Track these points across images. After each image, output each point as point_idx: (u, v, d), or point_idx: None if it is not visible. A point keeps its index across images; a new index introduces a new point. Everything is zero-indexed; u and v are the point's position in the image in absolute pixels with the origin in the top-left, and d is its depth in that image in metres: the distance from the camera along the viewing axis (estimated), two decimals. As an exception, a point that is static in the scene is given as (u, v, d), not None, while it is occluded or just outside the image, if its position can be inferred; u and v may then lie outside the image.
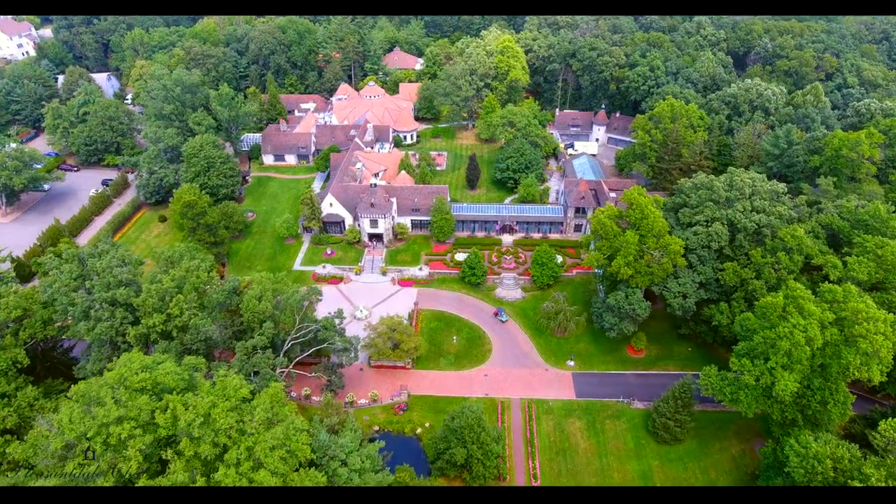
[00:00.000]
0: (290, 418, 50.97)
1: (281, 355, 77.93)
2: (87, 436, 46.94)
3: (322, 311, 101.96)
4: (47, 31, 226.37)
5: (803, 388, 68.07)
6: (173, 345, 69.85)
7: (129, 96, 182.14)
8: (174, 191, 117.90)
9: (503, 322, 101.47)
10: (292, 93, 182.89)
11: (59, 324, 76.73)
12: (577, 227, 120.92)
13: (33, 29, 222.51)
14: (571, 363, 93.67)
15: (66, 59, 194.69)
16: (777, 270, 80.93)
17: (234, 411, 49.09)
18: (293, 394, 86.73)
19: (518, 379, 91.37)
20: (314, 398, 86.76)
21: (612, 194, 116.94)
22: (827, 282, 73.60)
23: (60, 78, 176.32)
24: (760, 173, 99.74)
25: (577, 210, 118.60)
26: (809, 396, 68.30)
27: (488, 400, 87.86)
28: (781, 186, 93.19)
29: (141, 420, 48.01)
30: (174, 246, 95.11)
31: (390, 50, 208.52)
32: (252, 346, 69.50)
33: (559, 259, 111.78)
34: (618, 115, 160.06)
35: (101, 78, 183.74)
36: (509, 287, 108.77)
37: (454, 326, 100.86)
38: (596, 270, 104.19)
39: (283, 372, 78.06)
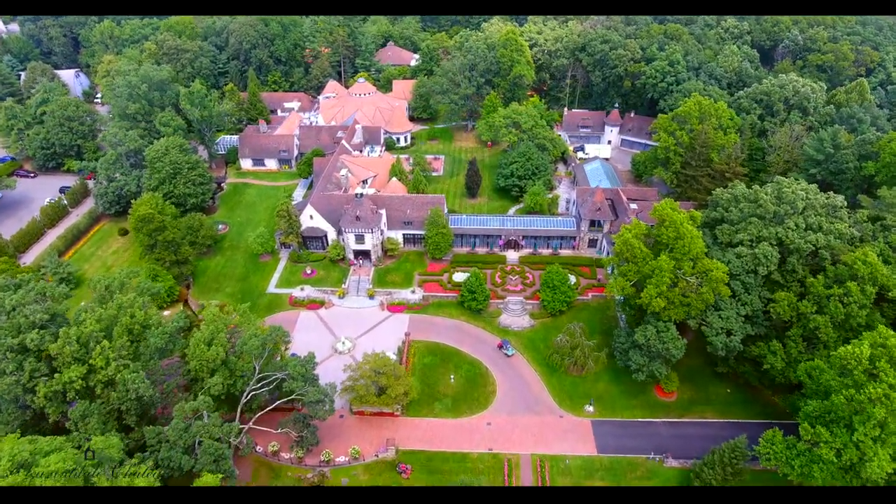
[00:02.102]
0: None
1: (238, 414, 63.40)
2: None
3: (300, 339, 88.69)
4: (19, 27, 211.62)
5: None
6: (95, 406, 55.20)
7: (100, 95, 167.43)
8: (132, 201, 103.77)
9: (509, 356, 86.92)
10: (276, 90, 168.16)
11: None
12: (592, 243, 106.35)
13: (1, 23, 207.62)
14: (590, 408, 79.08)
15: (33, 55, 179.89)
16: (846, 305, 66.32)
17: (136, 534, 34.59)
18: (258, 448, 72.14)
19: (527, 429, 76.70)
20: (283, 455, 72.15)
21: (633, 205, 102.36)
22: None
23: (23, 75, 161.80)
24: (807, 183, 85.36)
25: (593, 223, 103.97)
26: (902, 472, 53.72)
27: (492, 456, 73.26)
28: (839, 199, 78.61)
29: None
30: (113, 272, 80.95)
31: (384, 45, 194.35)
32: (192, 410, 54.76)
33: (572, 279, 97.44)
34: (632, 114, 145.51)
35: (68, 75, 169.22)
36: (515, 313, 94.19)
37: (452, 362, 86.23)
38: (617, 298, 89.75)
39: (242, 429, 63.57)
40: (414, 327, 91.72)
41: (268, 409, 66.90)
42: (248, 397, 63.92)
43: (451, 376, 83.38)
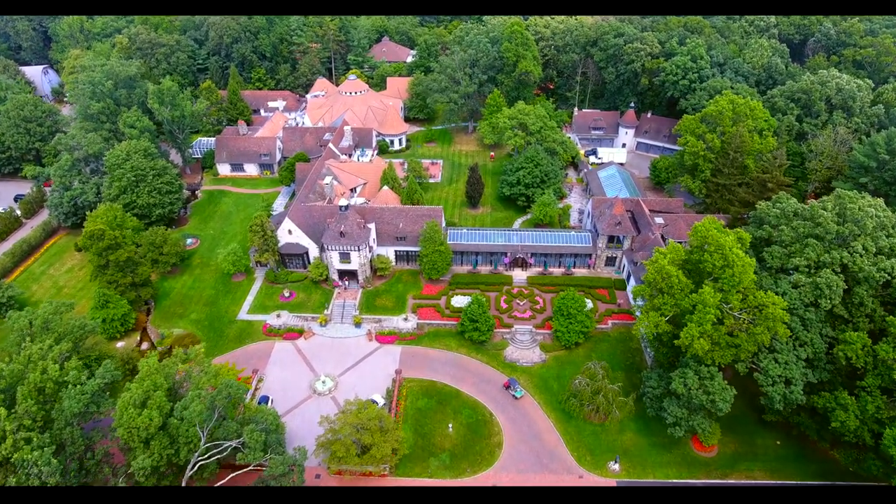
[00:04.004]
0: None
1: (184, 483, 50.53)
2: None
3: (274, 377, 76.15)
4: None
5: None
6: (-15, 494, 42.04)
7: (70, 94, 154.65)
8: (88, 213, 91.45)
9: (517, 398, 74.03)
10: (260, 88, 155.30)
11: None
12: (610, 261, 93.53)
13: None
14: (615, 466, 66.12)
15: (0, 50, 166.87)
16: (940, 352, 53.59)
17: None
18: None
19: (541, 492, 63.71)
20: (245, 528, 59.21)
21: (658, 219, 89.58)
22: None
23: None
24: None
25: (611, 239, 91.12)
26: None
27: (499, 530, 60.23)
28: (913, 216, 65.92)
29: None
30: (64, 295, 68.25)
31: (378, 40, 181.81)
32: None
33: (588, 304, 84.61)
34: (649, 115, 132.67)
35: (35, 72, 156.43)
36: (524, 345, 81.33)
37: (450, 406, 73.28)
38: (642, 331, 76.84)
39: None
40: (406, 362, 78.89)
41: (222, 481, 53.94)
42: (195, 468, 51.00)
43: (450, 424, 70.44)
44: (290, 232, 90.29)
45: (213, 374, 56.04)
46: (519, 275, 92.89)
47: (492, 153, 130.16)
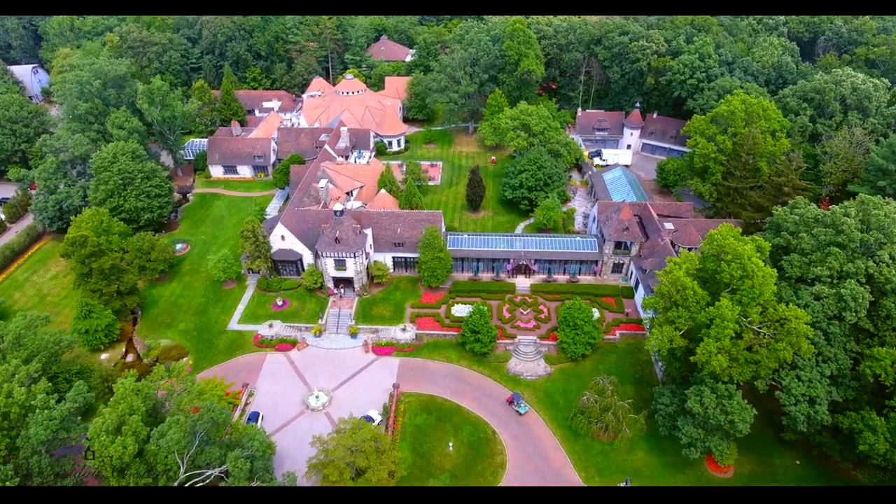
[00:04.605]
0: None
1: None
2: None
3: (265, 391, 72.54)
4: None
5: None
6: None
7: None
8: (73, 218, 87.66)
9: (521, 414, 70.22)
10: (256, 88, 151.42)
11: None
12: (617, 267, 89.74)
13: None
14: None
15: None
16: (978, 371, 49.84)
17: None
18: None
19: (547, 517, 59.94)
20: (232, 557, 55.41)
21: (668, 224, 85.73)
22: None
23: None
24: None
25: (618, 245, 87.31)
26: None
27: (503, 558, 56.47)
28: (941, 223, 62.08)
29: None
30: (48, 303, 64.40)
31: (376, 39, 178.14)
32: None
33: (595, 313, 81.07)
34: (655, 115, 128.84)
35: (24, 71, 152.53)
36: (528, 357, 77.49)
37: (450, 422, 69.49)
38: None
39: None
40: (404, 375, 75.09)
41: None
42: (175, 498, 47.12)
43: (450, 443, 66.65)
44: (283, 237, 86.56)
45: (196, 393, 52.16)
46: (522, 282, 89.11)
47: (493, 157, 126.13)
